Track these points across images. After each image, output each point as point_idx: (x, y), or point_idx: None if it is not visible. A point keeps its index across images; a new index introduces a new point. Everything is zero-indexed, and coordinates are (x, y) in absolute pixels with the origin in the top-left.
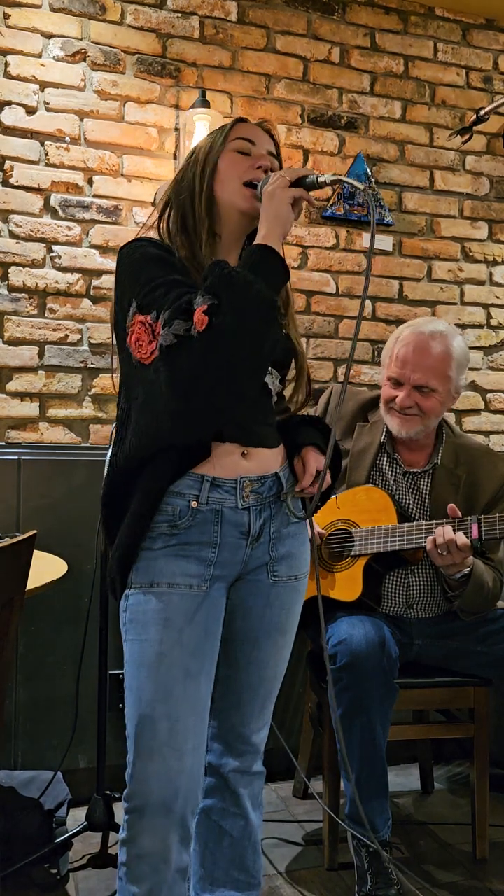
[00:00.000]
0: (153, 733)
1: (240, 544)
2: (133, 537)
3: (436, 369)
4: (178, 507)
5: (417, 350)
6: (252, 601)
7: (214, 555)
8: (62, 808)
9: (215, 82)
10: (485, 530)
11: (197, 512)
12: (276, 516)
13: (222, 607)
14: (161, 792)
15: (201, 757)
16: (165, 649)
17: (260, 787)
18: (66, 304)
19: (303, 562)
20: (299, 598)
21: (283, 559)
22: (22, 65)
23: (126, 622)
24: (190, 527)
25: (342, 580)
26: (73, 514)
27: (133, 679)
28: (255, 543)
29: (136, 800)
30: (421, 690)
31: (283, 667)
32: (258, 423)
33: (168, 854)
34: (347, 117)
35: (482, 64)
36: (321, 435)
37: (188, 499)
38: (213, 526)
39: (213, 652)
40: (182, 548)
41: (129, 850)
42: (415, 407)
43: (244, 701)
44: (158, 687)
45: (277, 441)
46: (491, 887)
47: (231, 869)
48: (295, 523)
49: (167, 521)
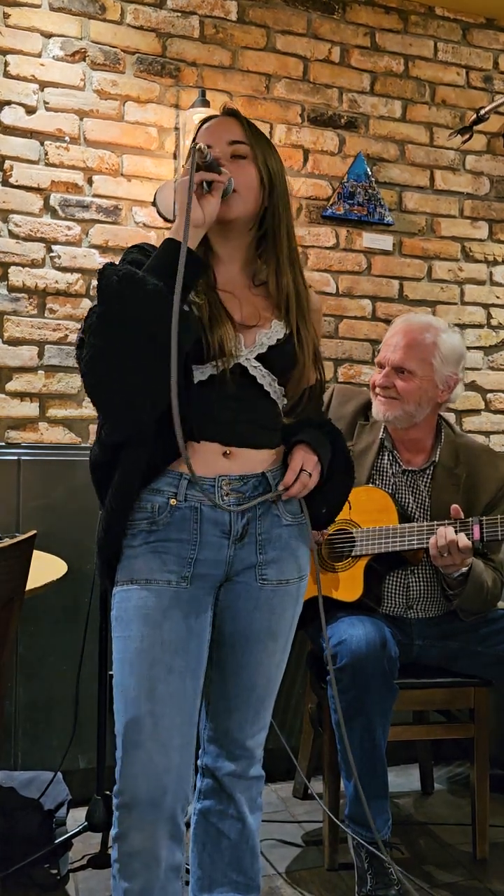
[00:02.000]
0: (138, 729)
1: (221, 543)
2: (110, 532)
3: (415, 352)
4: (157, 504)
5: (402, 334)
6: (240, 604)
7: (194, 552)
8: (62, 808)
9: (215, 82)
10: (486, 532)
11: (175, 509)
12: (263, 517)
13: (207, 607)
14: (148, 788)
15: (190, 754)
16: (146, 646)
17: (258, 790)
18: (66, 303)
19: (295, 567)
20: (292, 603)
21: (272, 563)
22: (22, 64)
23: (112, 619)
24: (169, 524)
25: (343, 580)
26: (72, 514)
27: (118, 675)
28: (240, 543)
29: (124, 796)
30: (421, 691)
31: (277, 672)
32: (243, 422)
33: (158, 851)
34: (347, 117)
35: (482, 63)
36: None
37: (167, 496)
38: (192, 523)
39: (199, 651)
40: (161, 544)
41: (121, 847)
42: (392, 388)
43: (236, 706)
44: (141, 683)
45: (270, 442)
46: (491, 888)
47: (229, 871)
48: (288, 526)
49: (146, 518)
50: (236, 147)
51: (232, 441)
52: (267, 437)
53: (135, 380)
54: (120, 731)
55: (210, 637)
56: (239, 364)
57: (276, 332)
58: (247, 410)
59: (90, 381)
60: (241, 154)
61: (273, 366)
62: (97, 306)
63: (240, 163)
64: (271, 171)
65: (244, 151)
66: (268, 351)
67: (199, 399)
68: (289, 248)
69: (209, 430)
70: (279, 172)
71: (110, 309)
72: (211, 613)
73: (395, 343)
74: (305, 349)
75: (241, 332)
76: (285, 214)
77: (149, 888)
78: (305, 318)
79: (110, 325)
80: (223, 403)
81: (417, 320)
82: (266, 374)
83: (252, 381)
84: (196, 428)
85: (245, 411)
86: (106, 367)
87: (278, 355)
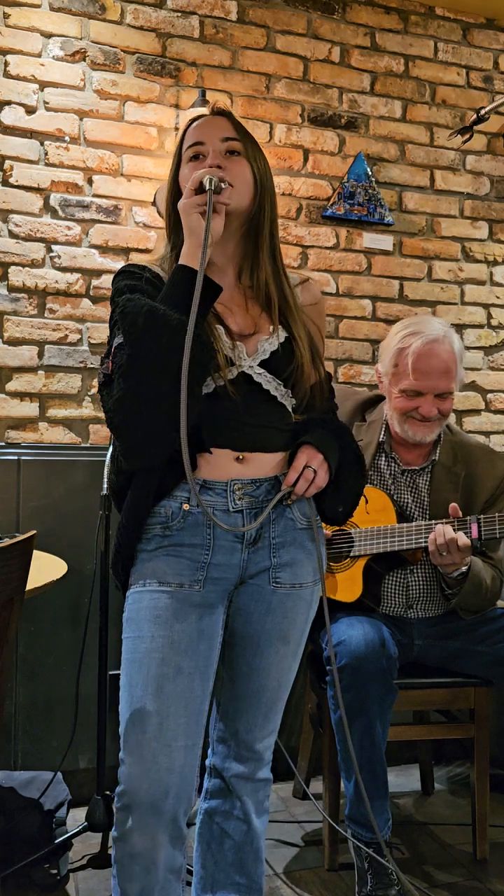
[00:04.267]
0: (143, 728)
1: (235, 547)
2: (127, 538)
3: (450, 373)
4: (171, 510)
5: (434, 359)
6: (253, 606)
7: (208, 556)
8: (62, 808)
9: (215, 82)
10: (484, 530)
11: (188, 514)
12: (277, 521)
13: (220, 610)
14: (150, 789)
15: (195, 756)
16: (156, 646)
17: (266, 794)
18: (66, 303)
19: (309, 571)
20: (305, 607)
21: (286, 566)
22: (21, 64)
23: (123, 621)
24: (182, 528)
25: (342, 581)
26: (72, 514)
27: (125, 675)
28: (253, 547)
29: (126, 797)
30: (421, 691)
31: (289, 676)
32: (254, 427)
33: (158, 854)
34: (347, 117)
35: (482, 63)
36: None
37: (180, 501)
38: (205, 528)
39: (210, 653)
40: (175, 548)
41: (121, 849)
42: (437, 413)
43: (246, 708)
44: (149, 682)
45: (283, 445)
46: (491, 888)
47: (232, 872)
48: (302, 529)
49: (160, 522)
50: (230, 143)
51: (244, 446)
52: (279, 439)
53: (162, 417)
54: (123, 731)
55: (222, 639)
56: (243, 372)
57: (278, 338)
58: (256, 415)
59: (118, 420)
60: (235, 150)
61: (276, 370)
62: (125, 347)
63: (234, 159)
64: (261, 169)
65: (238, 147)
66: (270, 356)
67: (207, 411)
68: (270, 245)
69: (220, 437)
70: (267, 171)
71: (139, 351)
72: (223, 616)
73: (431, 370)
74: (301, 348)
75: (241, 341)
76: (271, 212)
77: (148, 891)
78: (294, 315)
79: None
80: (232, 412)
81: (432, 336)
82: (271, 378)
83: (259, 388)
84: (207, 437)
85: (254, 416)
86: (137, 406)
87: (280, 359)
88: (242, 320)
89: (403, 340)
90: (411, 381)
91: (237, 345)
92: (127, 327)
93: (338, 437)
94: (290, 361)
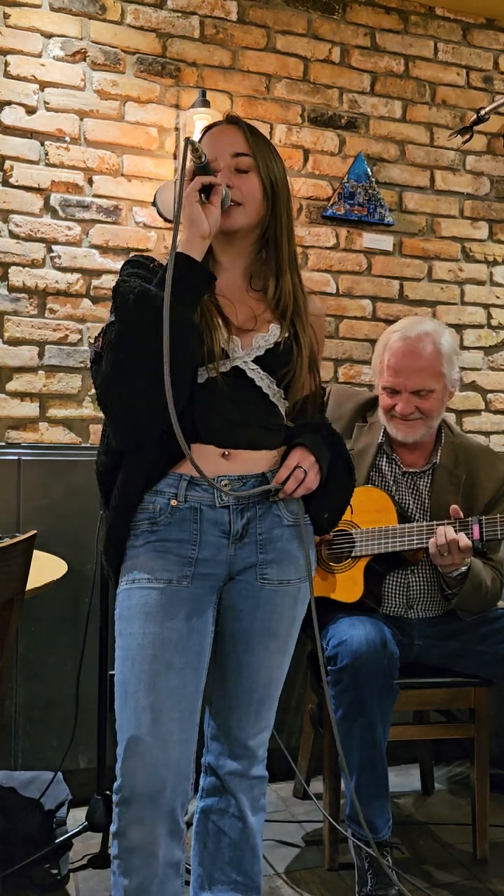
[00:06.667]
0: (138, 723)
1: (222, 543)
2: (113, 532)
3: (429, 370)
4: (158, 505)
5: (408, 355)
6: (242, 603)
7: (195, 552)
8: (62, 808)
9: (215, 82)
10: (486, 531)
11: (176, 510)
12: (263, 517)
13: (209, 605)
14: (147, 783)
15: (190, 751)
16: (147, 642)
17: (261, 791)
18: (66, 304)
19: (298, 567)
20: (294, 604)
21: (273, 562)
22: (22, 64)
23: (116, 618)
24: (169, 524)
25: (343, 581)
26: (72, 514)
27: (119, 673)
28: (240, 543)
29: (124, 791)
30: (421, 691)
31: (279, 673)
32: (241, 424)
33: (156, 847)
34: (348, 117)
35: (482, 64)
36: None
37: (167, 497)
38: (192, 524)
39: (201, 648)
40: (162, 544)
41: (120, 843)
42: (416, 411)
43: (238, 705)
44: (141, 678)
45: (270, 443)
46: (491, 888)
47: (229, 870)
48: (288, 526)
49: (148, 518)
50: (240, 160)
51: (229, 443)
52: (266, 437)
53: (149, 392)
54: (119, 727)
55: (213, 635)
56: (237, 367)
57: (274, 335)
58: (245, 412)
59: (106, 394)
60: (244, 168)
61: (271, 368)
62: (115, 324)
63: (243, 176)
64: (274, 179)
65: (248, 164)
66: (266, 354)
67: (198, 401)
68: (289, 252)
69: (207, 432)
70: (282, 179)
71: (127, 327)
72: (214, 612)
73: (404, 366)
74: (303, 352)
75: (238, 335)
76: (287, 220)
77: (147, 884)
78: (303, 321)
79: (128, 342)
80: (221, 405)
81: (414, 333)
82: (264, 376)
83: (251, 384)
84: (194, 430)
85: (243, 413)
86: (124, 381)
87: (276, 358)
88: (244, 316)
89: (388, 339)
90: (387, 378)
91: (233, 338)
92: (118, 305)
93: (331, 444)
94: (286, 362)
